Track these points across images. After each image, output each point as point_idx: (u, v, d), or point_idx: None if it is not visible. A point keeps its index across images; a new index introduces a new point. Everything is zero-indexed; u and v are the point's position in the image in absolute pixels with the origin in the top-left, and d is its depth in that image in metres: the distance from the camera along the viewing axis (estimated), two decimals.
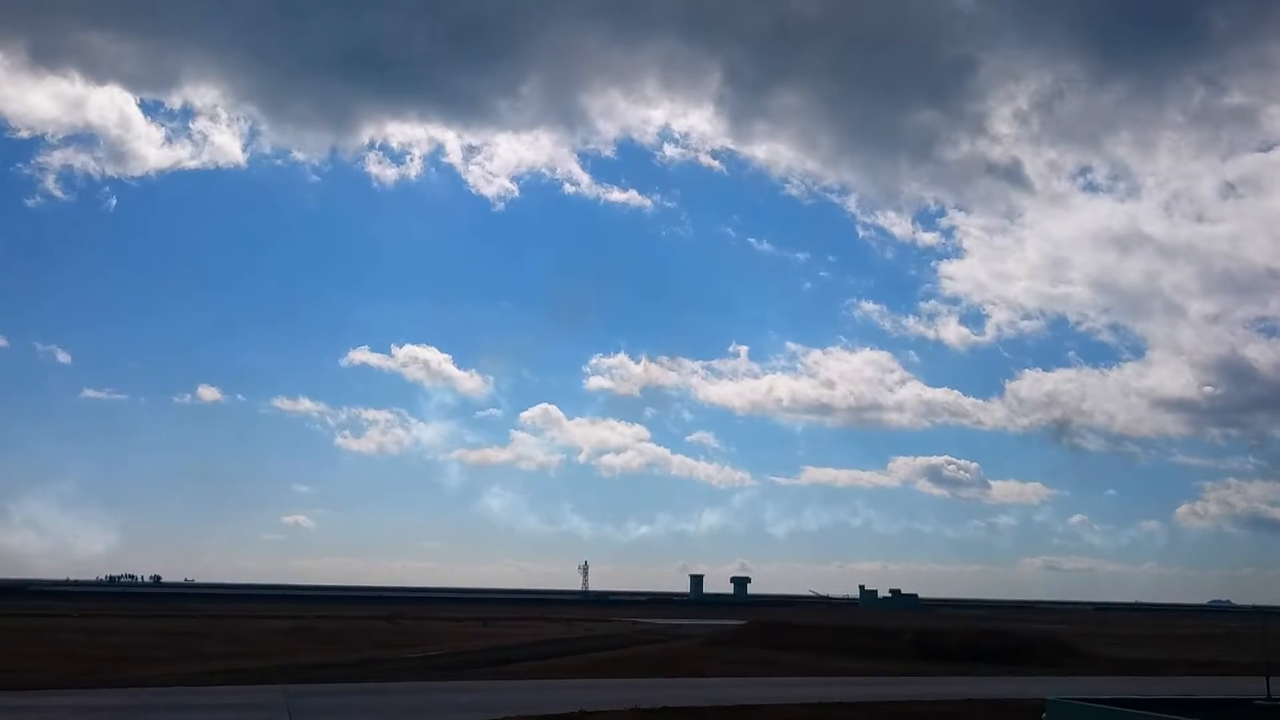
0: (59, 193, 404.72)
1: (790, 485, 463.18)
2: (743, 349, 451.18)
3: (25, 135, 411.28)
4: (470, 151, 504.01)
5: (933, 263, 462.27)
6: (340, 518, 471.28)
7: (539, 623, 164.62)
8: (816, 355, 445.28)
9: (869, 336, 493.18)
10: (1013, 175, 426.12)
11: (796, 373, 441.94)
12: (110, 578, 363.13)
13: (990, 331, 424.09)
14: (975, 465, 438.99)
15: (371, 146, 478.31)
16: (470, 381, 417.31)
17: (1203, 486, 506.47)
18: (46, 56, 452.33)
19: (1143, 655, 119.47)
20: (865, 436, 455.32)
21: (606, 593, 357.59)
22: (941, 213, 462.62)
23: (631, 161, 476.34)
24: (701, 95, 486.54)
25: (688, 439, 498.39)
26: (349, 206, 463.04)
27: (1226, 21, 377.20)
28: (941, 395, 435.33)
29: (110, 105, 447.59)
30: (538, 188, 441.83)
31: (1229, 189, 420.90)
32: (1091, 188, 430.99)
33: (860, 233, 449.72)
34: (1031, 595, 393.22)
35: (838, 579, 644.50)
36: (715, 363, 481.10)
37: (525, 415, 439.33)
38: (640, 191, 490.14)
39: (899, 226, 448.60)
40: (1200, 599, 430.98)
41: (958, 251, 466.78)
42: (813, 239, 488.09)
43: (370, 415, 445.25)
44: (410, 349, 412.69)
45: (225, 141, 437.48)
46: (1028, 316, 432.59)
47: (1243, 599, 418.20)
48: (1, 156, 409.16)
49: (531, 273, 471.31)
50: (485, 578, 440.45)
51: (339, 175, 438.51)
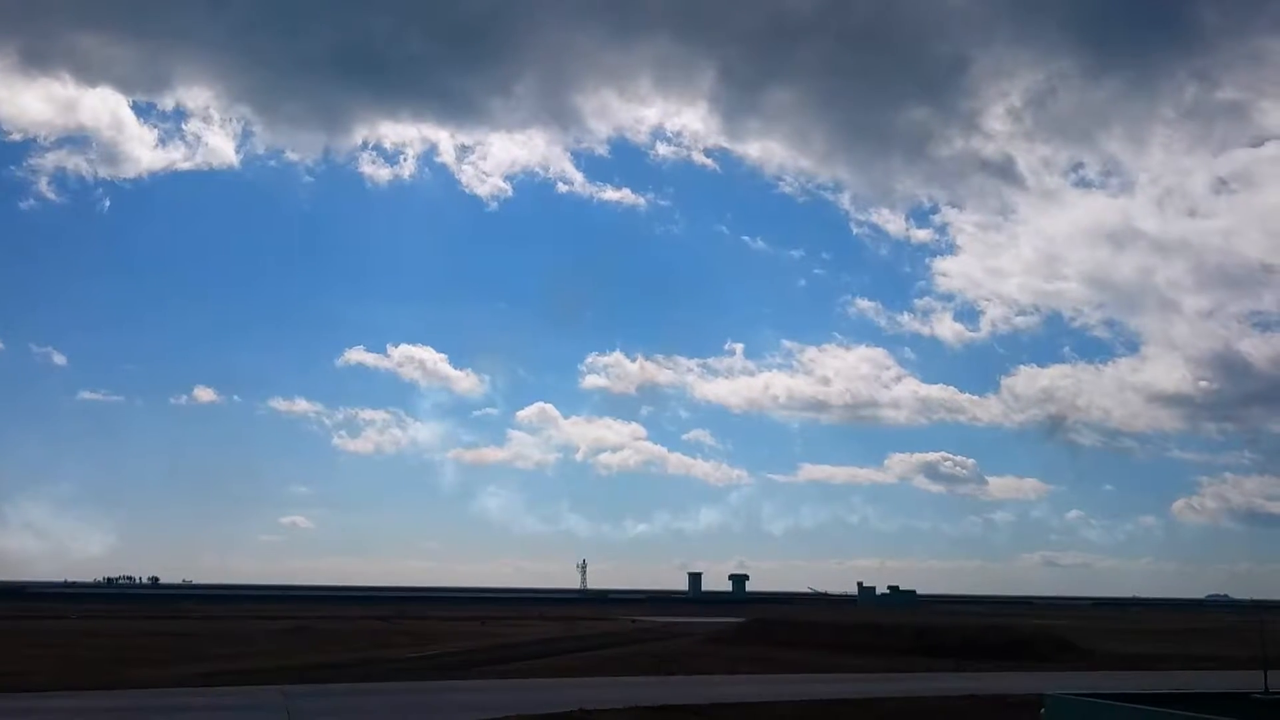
0: (52, 195, 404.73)
1: (788, 483, 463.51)
2: (738, 347, 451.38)
3: (18, 138, 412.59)
4: (464, 151, 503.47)
5: (927, 259, 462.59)
6: (337, 518, 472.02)
7: (538, 621, 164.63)
8: (812, 353, 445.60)
9: (864, 333, 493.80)
10: (1006, 172, 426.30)
11: (792, 370, 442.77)
12: (108, 579, 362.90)
13: (985, 328, 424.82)
14: (972, 461, 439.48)
15: (365, 147, 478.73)
16: (466, 381, 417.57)
17: (1199, 481, 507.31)
18: (39, 58, 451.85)
19: (1141, 650, 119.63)
20: (862, 433, 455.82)
21: (605, 591, 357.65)
22: (935, 209, 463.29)
23: (625, 160, 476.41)
24: (695, 94, 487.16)
25: (684, 437, 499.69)
26: (343, 207, 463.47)
27: (1218, 17, 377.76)
28: (937, 392, 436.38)
29: (103, 107, 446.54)
30: (531, 187, 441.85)
31: (1221, 184, 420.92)
32: (1084, 183, 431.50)
33: (854, 230, 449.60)
34: (1029, 591, 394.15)
35: (836, 576, 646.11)
36: (711, 361, 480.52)
37: (521, 414, 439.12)
38: (634, 190, 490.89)
39: (893, 223, 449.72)
40: (1198, 594, 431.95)
41: (951, 248, 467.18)
42: (807, 236, 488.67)
43: (367, 415, 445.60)
44: (406, 349, 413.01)
45: (218, 143, 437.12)
46: (1022, 312, 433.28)
47: (1240, 593, 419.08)
48: None
49: (526, 272, 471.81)
50: (483, 577, 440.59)
51: (332, 176, 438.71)
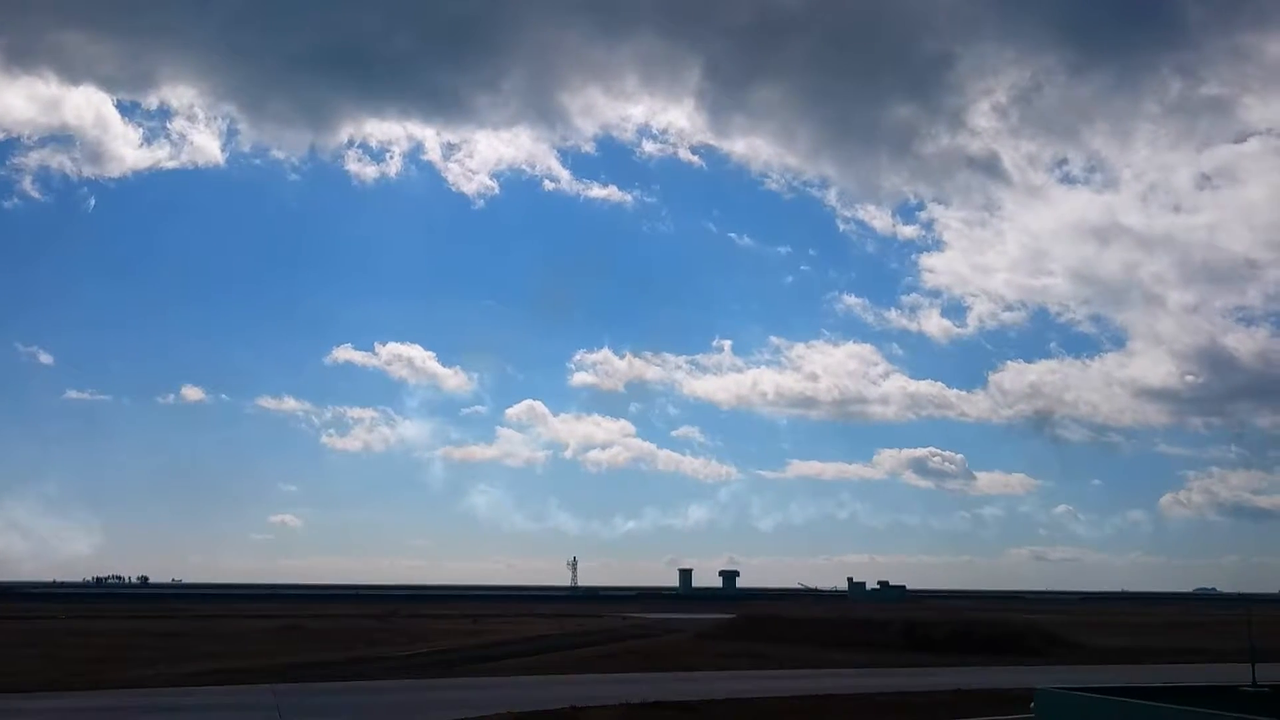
0: (37, 194, 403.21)
1: (776, 479, 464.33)
2: (726, 343, 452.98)
3: (1, 136, 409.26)
4: (450, 149, 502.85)
5: (913, 256, 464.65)
6: (327, 516, 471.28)
7: (528, 619, 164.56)
8: (800, 349, 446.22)
9: (852, 330, 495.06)
10: (991, 168, 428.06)
11: (780, 366, 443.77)
12: (97, 579, 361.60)
13: (972, 323, 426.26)
14: (960, 457, 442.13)
15: (351, 145, 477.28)
16: (455, 379, 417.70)
17: (1186, 476, 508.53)
18: (21, 56, 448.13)
19: (1131, 644, 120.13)
20: (850, 429, 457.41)
21: (595, 588, 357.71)
22: (921, 206, 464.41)
23: (611, 158, 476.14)
24: (681, 91, 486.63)
25: (673, 434, 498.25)
26: (329, 205, 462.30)
27: (1202, 12, 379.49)
28: (925, 387, 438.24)
29: (87, 105, 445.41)
30: (518, 184, 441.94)
31: (1205, 180, 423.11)
32: (1069, 180, 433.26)
33: (841, 227, 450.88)
34: (1019, 585, 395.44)
35: (825, 571, 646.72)
36: (699, 357, 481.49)
37: (510, 412, 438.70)
38: (620, 188, 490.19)
39: (879, 220, 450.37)
40: (1186, 587, 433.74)
41: (938, 244, 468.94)
42: (793, 233, 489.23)
43: (355, 414, 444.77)
44: (394, 346, 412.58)
45: (204, 141, 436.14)
46: (1009, 308, 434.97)
47: (1228, 587, 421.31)
48: None
49: (514, 269, 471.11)
50: (473, 575, 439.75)
51: (319, 174, 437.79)
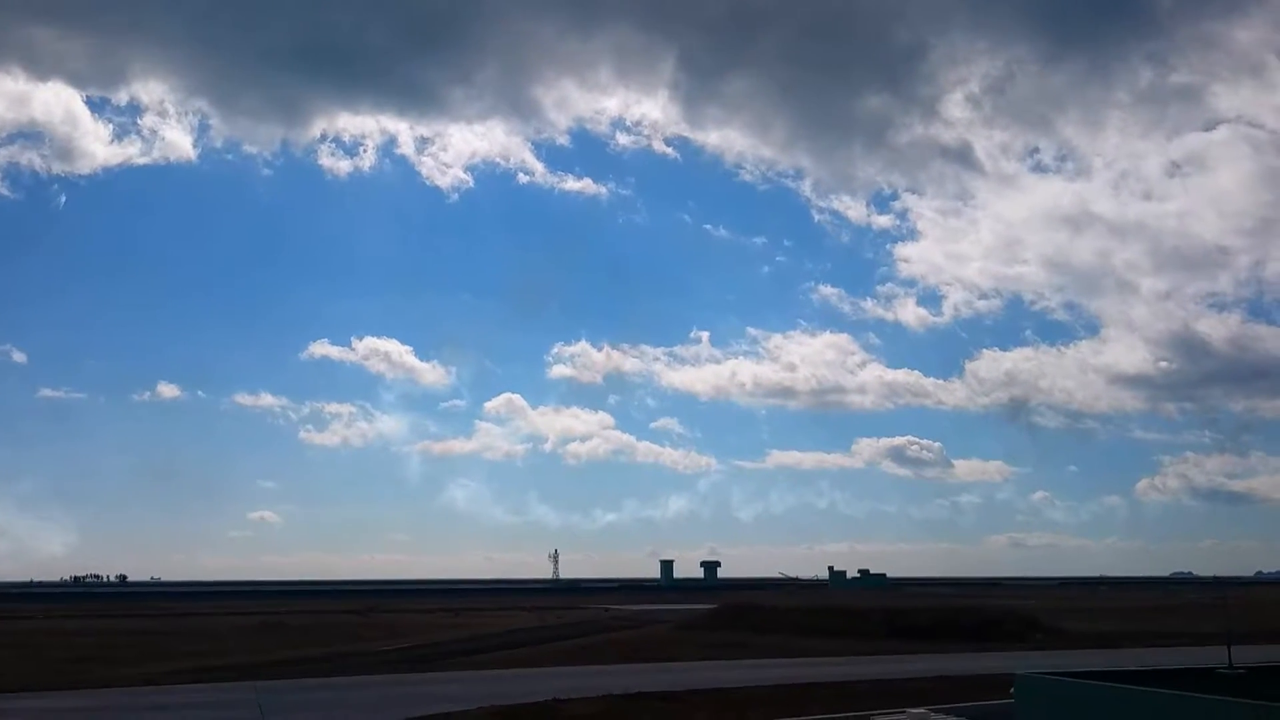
0: (6, 191, 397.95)
1: (756, 469, 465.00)
2: (704, 334, 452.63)
3: None
4: (423, 143, 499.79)
5: (888, 245, 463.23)
6: (306, 513, 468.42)
7: (510, 612, 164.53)
8: (777, 339, 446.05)
9: (828, 320, 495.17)
10: (964, 158, 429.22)
11: (758, 357, 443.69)
12: (75, 578, 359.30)
13: (948, 312, 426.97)
14: (938, 445, 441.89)
15: (324, 139, 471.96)
16: (432, 373, 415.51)
17: (1161, 461, 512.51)
18: None
19: (1109, 628, 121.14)
20: (828, 419, 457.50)
21: (577, 580, 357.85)
22: (895, 196, 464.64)
23: (586, 150, 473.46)
24: (655, 82, 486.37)
25: (652, 425, 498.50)
26: (303, 200, 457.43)
27: (1171, 1, 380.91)
28: (902, 376, 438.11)
29: (56, 102, 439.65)
30: (492, 178, 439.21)
31: (1175, 167, 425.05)
32: (1040, 168, 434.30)
33: (816, 217, 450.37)
34: (998, 572, 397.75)
35: (806, 561, 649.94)
36: (677, 349, 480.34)
37: (489, 405, 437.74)
38: (595, 180, 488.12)
39: (854, 210, 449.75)
40: (1163, 571, 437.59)
41: (912, 234, 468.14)
42: (769, 224, 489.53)
43: (333, 409, 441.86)
44: (371, 341, 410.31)
45: (175, 137, 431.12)
46: (984, 296, 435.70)
47: (1204, 570, 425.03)
48: None
49: (489, 263, 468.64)
50: (454, 568, 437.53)
51: (292, 169, 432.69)
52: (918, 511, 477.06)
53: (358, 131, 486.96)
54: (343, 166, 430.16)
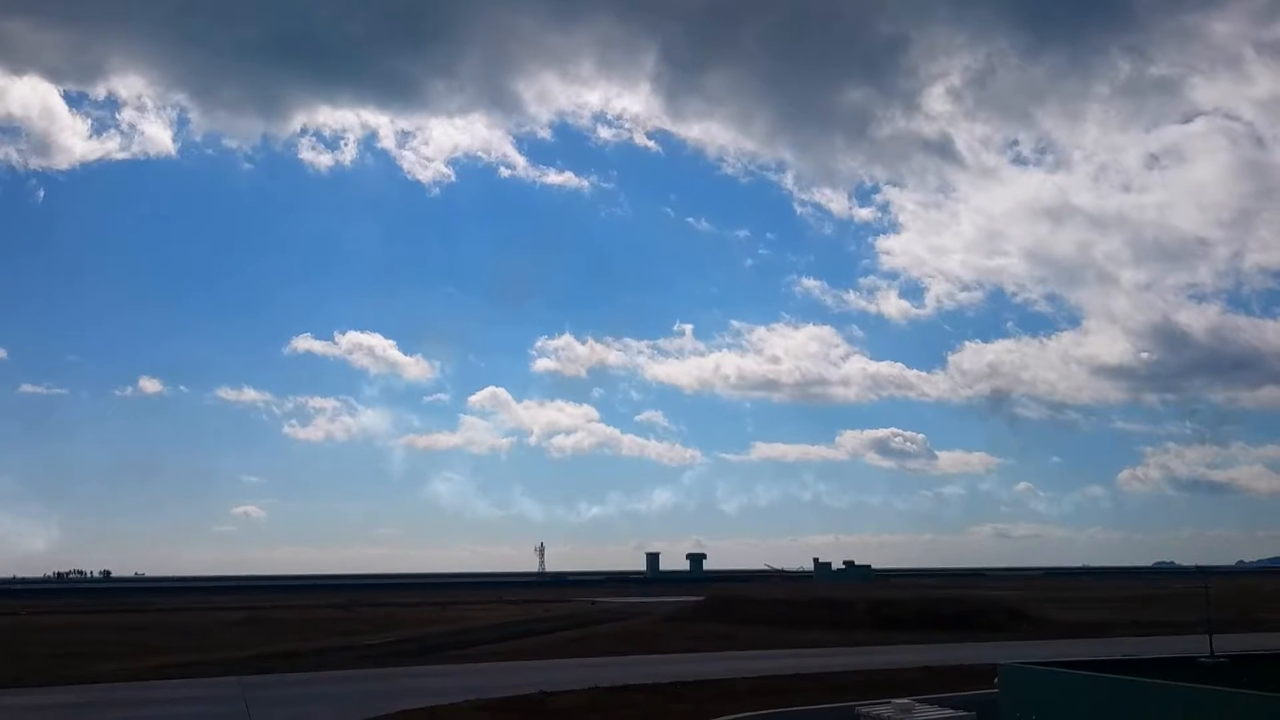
0: None
1: (741, 462, 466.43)
2: (687, 327, 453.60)
3: None
4: (404, 137, 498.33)
5: (870, 238, 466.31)
6: (291, 507, 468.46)
7: (497, 605, 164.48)
8: (761, 332, 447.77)
9: (811, 312, 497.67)
10: (944, 150, 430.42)
11: (742, 350, 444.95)
12: (58, 574, 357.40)
13: (930, 304, 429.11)
14: (921, 437, 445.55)
15: (304, 133, 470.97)
16: (416, 367, 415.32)
17: (1143, 451, 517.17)
18: None
19: (1093, 618, 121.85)
20: (813, 411, 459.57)
21: (563, 573, 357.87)
22: (876, 189, 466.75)
23: (567, 144, 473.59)
24: (637, 75, 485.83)
25: (637, 418, 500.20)
26: (284, 194, 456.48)
27: None
28: (886, 368, 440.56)
29: (32, 96, 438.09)
30: (474, 172, 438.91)
31: (1153, 160, 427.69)
32: (1020, 161, 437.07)
33: (798, 209, 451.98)
34: (982, 563, 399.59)
35: (791, 552, 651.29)
36: (661, 341, 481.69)
37: (473, 399, 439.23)
38: (577, 173, 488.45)
39: (836, 203, 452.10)
40: (1145, 561, 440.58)
41: (894, 226, 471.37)
42: (751, 217, 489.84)
43: (316, 403, 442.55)
44: (354, 335, 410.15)
45: (155, 131, 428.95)
46: (965, 288, 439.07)
47: (1186, 560, 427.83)
48: None
49: (472, 257, 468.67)
50: (440, 562, 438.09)
51: (272, 163, 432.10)
52: (902, 503, 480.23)
53: (338, 125, 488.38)
54: (323, 160, 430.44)
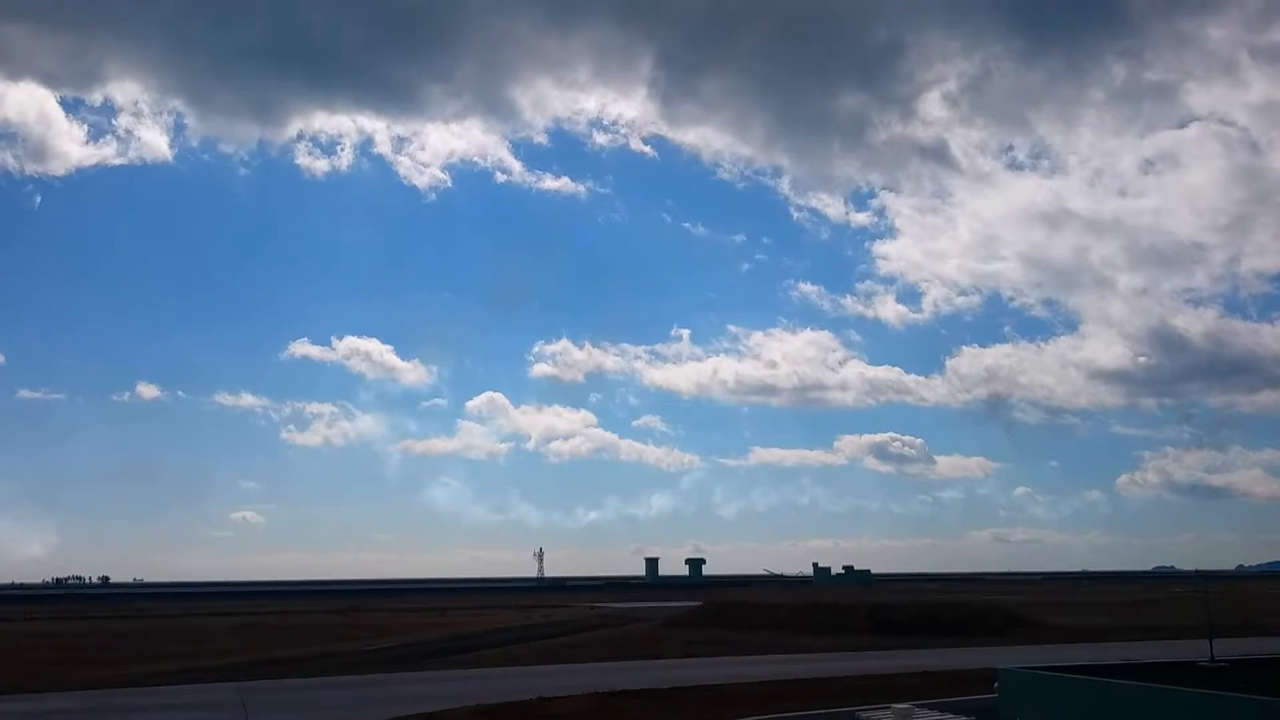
0: None
1: (739, 466, 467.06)
2: (684, 332, 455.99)
3: None
4: (400, 142, 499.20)
5: (866, 243, 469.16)
6: (289, 512, 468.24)
7: (496, 610, 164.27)
8: (758, 337, 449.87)
9: (809, 317, 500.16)
10: (941, 155, 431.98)
11: (740, 355, 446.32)
12: (57, 579, 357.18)
13: (928, 309, 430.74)
14: (920, 441, 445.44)
15: (300, 138, 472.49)
16: (414, 372, 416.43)
17: (1141, 456, 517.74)
18: None
19: (1092, 622, 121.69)
20: (810, 416, 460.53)
21: (562, 578, 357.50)
22: (873, 194, 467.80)
23: (563, 149, 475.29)
24: (633, 81, 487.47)
25: (634, 423, 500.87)
26: (281, 199, 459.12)
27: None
28: (884, 373, 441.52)
29: (29, 102, 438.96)
30: (470, 177, 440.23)
31: (1148, 165, 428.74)
32: (1016, 166, 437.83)
33: (794, 214, 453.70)
34: (981, 567, 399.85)
35: (790, 557, 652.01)
36: (658, 346, 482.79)
37: (471, 404, 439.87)
38: (573, 179, 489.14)
39: (832, 208, 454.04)
40: (1145, 565, 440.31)
41: (891, 231, 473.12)
42: (748, 222, 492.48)
43: (314, 409, 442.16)
44: (351, 341, 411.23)
45: (151, 137, 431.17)
46: (963, 293, 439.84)
47: (1185, 564, 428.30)
48: None
49: (469, 262, 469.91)
50: (438, 567, 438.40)
51: (269, 168, 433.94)
52: (900, 507, 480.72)
53: (335, 131, 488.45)
54: (320, 166, 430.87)
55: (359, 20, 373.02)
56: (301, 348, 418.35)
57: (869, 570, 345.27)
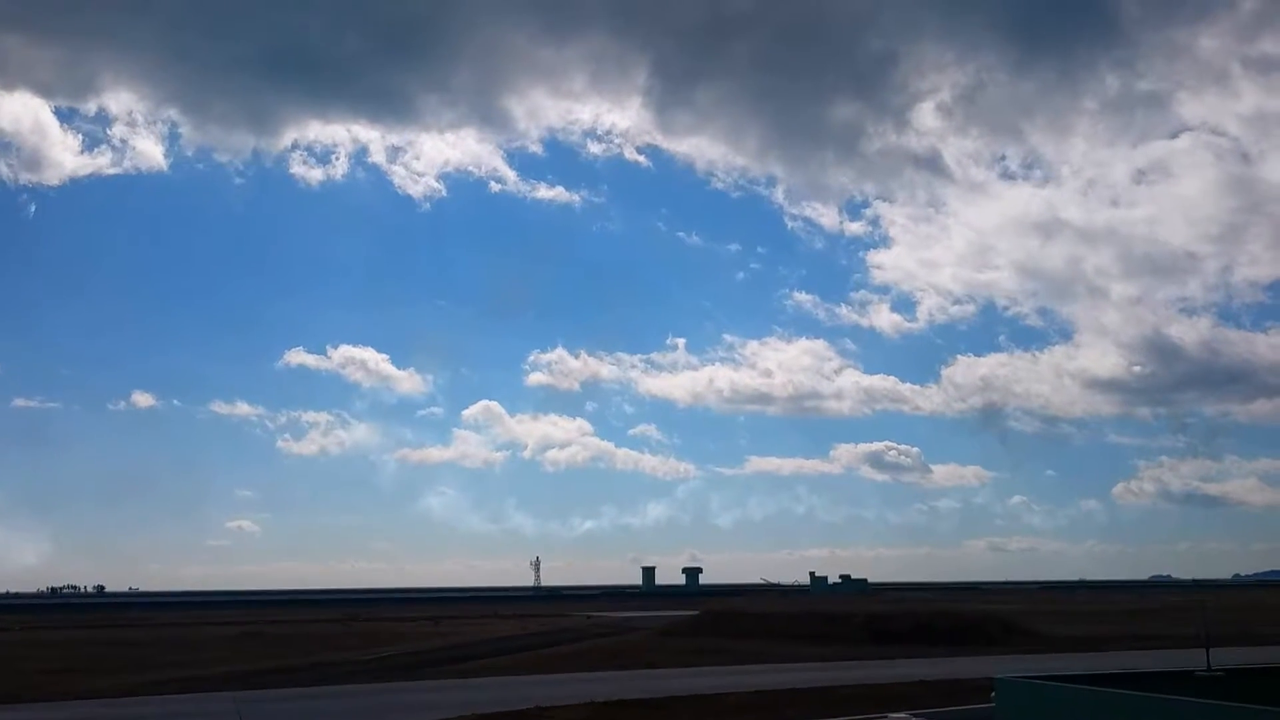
0: None
1: (735, 475, 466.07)
2: (680, 341, 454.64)
3: None
4: (395, 152, 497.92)
5: (861, 252, 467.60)
6: (285, 521, 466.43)
7: (491, 620, 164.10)
8: (754, 346, 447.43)
9: (804, 326, 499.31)
10: (934, 165, 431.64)
11: (735, 364, 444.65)
12: (51, 589, 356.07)
13: (922, 318, 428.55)
14: (916, 450, 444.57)
15: (295, 148, 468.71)
16: (409, 381, 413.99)
17: (1137, 465, 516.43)
18: None
19: (1089, 631, 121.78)
20: (806, 425, 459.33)
21: (559, 588, 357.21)
22: (867, 203, 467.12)
23: (558, 158, 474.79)
24: (628, 90, 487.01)
25: (630, 432, 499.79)
26: (275, 208, 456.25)
27: (1139, 8, 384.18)
28: (879, 382, 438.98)
29: (24, 112, 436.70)
30: (465, 186, 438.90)
31: (1141, 175, 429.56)
32: (1009, 175, 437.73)
33: (789, 224, 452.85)
34: (977, 576, 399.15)
35: (787, 566, 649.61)
36: (654, 355, 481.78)
37: (466, 413, 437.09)
38: (568, 188, 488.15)
39: (826, 217, 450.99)
40: (1141, 575, 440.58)
41: (885, 240, 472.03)
42: (742, 231, 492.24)
43: (310, 417, 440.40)
44: (346, 349, 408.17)
45: (146, 146, 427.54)
46: (957, 302, 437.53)
47: (1182, 573, 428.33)
48: None
49: (464, 271, 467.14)
50: (435, 577, 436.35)
51: (263, 177, 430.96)
52: (896, 516, 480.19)
53: (329, 140, 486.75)
54: (314, 175, 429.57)
55: (354, 30, 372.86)
56: (297, 356, 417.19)
57: (865, 579, 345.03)
